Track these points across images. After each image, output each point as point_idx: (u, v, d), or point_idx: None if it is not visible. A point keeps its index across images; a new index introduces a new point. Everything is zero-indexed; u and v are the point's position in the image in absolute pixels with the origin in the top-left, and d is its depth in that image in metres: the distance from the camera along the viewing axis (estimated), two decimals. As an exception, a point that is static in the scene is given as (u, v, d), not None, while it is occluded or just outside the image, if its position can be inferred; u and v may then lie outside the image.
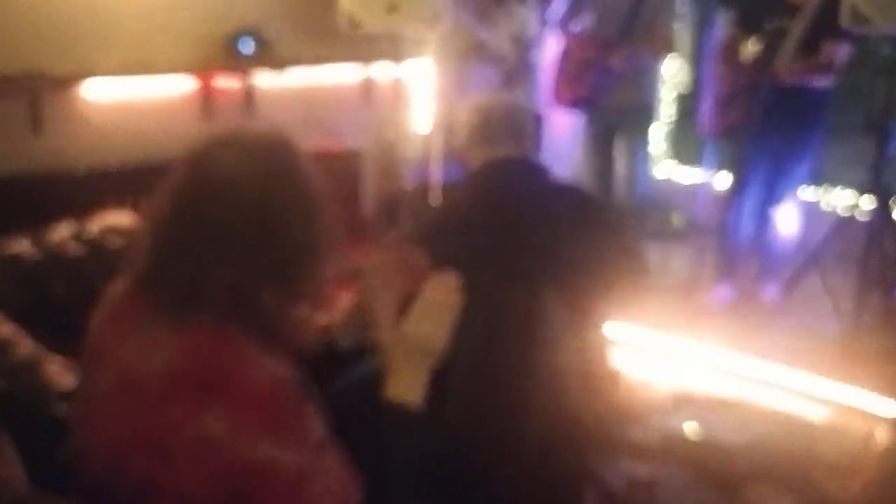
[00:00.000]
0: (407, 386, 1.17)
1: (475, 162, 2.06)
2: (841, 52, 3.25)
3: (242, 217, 1.09)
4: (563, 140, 4.55)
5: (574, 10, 3.94)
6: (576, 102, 3.97)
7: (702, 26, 4.47)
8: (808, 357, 3.13)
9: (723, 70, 3.60)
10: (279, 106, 3.32)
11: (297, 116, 3.37)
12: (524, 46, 3.97)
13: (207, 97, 3.08)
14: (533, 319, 1.83)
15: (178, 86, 3.03)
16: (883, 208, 3.10)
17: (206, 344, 1.08)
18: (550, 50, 4.10)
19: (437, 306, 1.22)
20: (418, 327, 1.19)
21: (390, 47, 3.37)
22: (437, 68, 3.70)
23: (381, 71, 3.59)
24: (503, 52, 4.02)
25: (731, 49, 3.60)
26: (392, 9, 3.06)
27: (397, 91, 3.44)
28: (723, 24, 3.62)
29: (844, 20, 2.93)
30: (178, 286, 1.08)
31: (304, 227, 1.13)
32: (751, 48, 3.45)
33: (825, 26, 3.18)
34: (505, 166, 2.02)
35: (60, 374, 1.61)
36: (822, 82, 3.32)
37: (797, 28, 3.30)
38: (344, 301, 1.28)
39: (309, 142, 3.43)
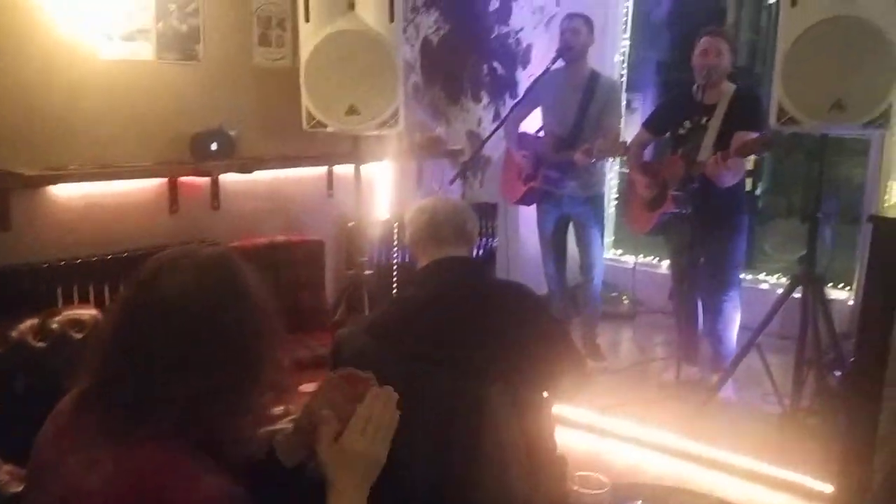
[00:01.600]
0: (349, 500, 1.18)
1: (423, 260, 2.20)
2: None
3: (192, 335, 1.12)
4: (524, 227, 4.74)
5: (526, 109, 4.16)
6: (527, 198, 4.14)
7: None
8: (751, 439, 3.26)
9: (637, 175, 3.84)
10: (244, 201, 3.43)
11: (263, 210, 3.51)
12: (479, 141, 4.19)
13: (173, 194, 3.19)
14: (481, 412, 1.90)
15: (145, 184, 3.14)
16: (815, 291, 3.21)
17: (147, 463, 1.08)
18: (504, 145, 4.35)
19: (376, 421, 1.24)
20: (358, 442, 1.21)
21: (351, 145, 3.53)
22: (395, 163, 3.89)
23: (344, 166, 3.73)
24: (459, 147, 4.25)
25: (640, 153, 3.87)
26: (352, 111, 3.23)
27: (359, 184, 3.58)
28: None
29: (774, 120, 3.12)
30: (123, 403, 1.10)
31: (253, 341, 1.16)
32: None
33: (738, 121, 3.43)
34: (450, 266, 2.12)
35: (9, 481, 1.62)
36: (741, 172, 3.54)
37: (714, 125, 3.55)
38: (288, 418, 1.34)
39: (274, 233, 3.56)
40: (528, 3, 4.49)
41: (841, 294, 4.38)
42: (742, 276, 3.96)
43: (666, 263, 4.98)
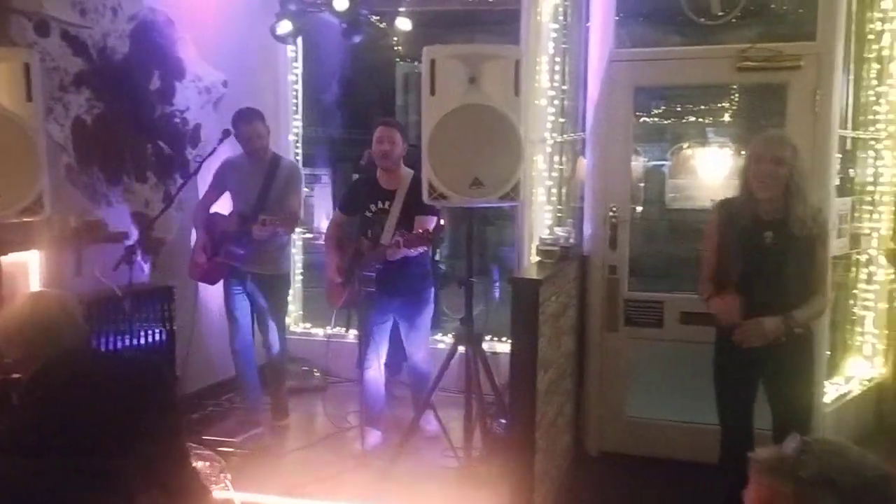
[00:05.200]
0: None
1: (29, 369, 2.05)
2: (430, 223, 3.81)
3: None
4: (210, 308, 4.58)
5: (215, 194, 4.19)
6: (212, 275, 4.13)
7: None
8: (432, 496, 3.43)
9: (333, 256, 4.01)
10: None
11: None
12: (147, 223, 4.00)
13: None
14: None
15: None
16: (474, 348, 3.50)
17: None
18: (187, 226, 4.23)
19: None
20: None
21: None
22: (47, 252, 3.54)
23: (-21, 258, 3.29)
24: (123, 230, 4.01)
25: (338, 233, 4.05)
26: (-17, 197, 2.90)
27: (-1, 278, 3.19)
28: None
29: (426, 196, 3.42)
30: None
31: None
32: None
33: (416, 205, 3.66)
34: (54, 366, 2.01)
35: None
36: (422, 249, 3.76)
37: (395, 209, 3.84)
38: None
39: None
40: (194, 83, 4.44)
41: (505, 347, 4.84)
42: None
43: (353, 333, 5.14)
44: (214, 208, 4.22)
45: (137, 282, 4.03)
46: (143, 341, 4.10)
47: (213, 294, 4.43)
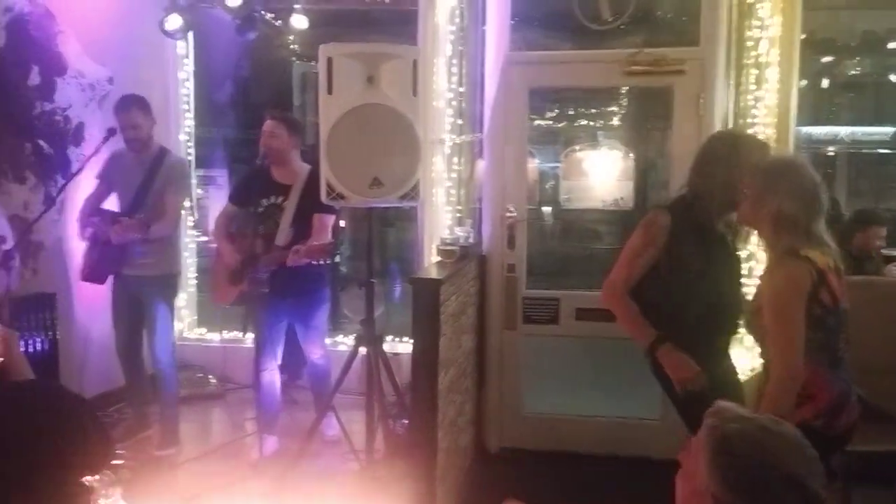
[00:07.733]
0: None
1: None
2: (329, 222, 3.76)
3: None
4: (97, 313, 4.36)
5: (101, 192, 3.96)
6: (97, 274, 3.90)
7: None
8: (334, 498, 3.39)
9: (225, 244, 3.87)
10: None
11: None
12: (26, 226, 3.77)
13: None
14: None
15: None
16: (375, 349, 3.44)
17: None
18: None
19: None
20: None
21: None
22: None
23: None
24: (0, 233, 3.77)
25: (228, 225, 3.92)
26: None
27: None
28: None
29: (324, 196, 3.38)
30: None
31: None
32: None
33: (314, 202, 3.52)
34: None
35: None
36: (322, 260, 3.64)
37: (290, 205, 3.75)
38: None
39: None
40: (76, 80, 4.21)
41: (407, 347, 4.83)
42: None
43: (251, 337, 5.01)
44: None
45: (14, 289, 3.81)
46: (23, 352, 3.87)
47: (100, 299, 4.22)
